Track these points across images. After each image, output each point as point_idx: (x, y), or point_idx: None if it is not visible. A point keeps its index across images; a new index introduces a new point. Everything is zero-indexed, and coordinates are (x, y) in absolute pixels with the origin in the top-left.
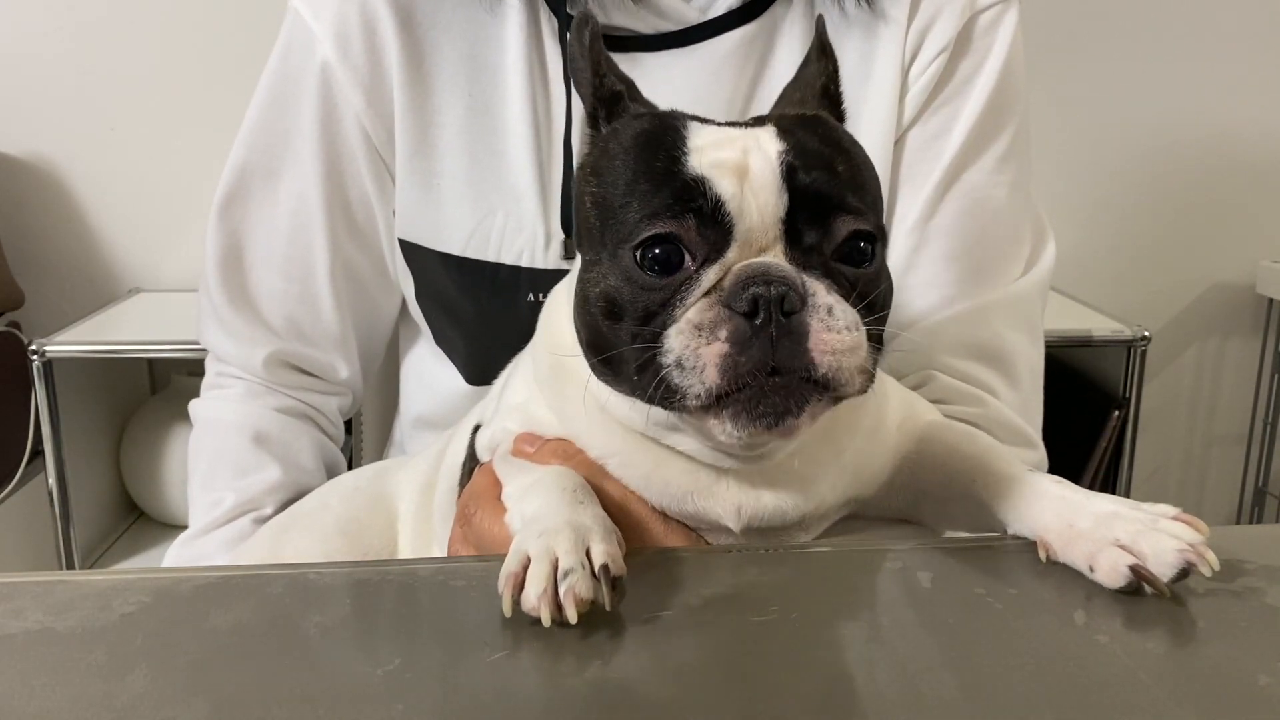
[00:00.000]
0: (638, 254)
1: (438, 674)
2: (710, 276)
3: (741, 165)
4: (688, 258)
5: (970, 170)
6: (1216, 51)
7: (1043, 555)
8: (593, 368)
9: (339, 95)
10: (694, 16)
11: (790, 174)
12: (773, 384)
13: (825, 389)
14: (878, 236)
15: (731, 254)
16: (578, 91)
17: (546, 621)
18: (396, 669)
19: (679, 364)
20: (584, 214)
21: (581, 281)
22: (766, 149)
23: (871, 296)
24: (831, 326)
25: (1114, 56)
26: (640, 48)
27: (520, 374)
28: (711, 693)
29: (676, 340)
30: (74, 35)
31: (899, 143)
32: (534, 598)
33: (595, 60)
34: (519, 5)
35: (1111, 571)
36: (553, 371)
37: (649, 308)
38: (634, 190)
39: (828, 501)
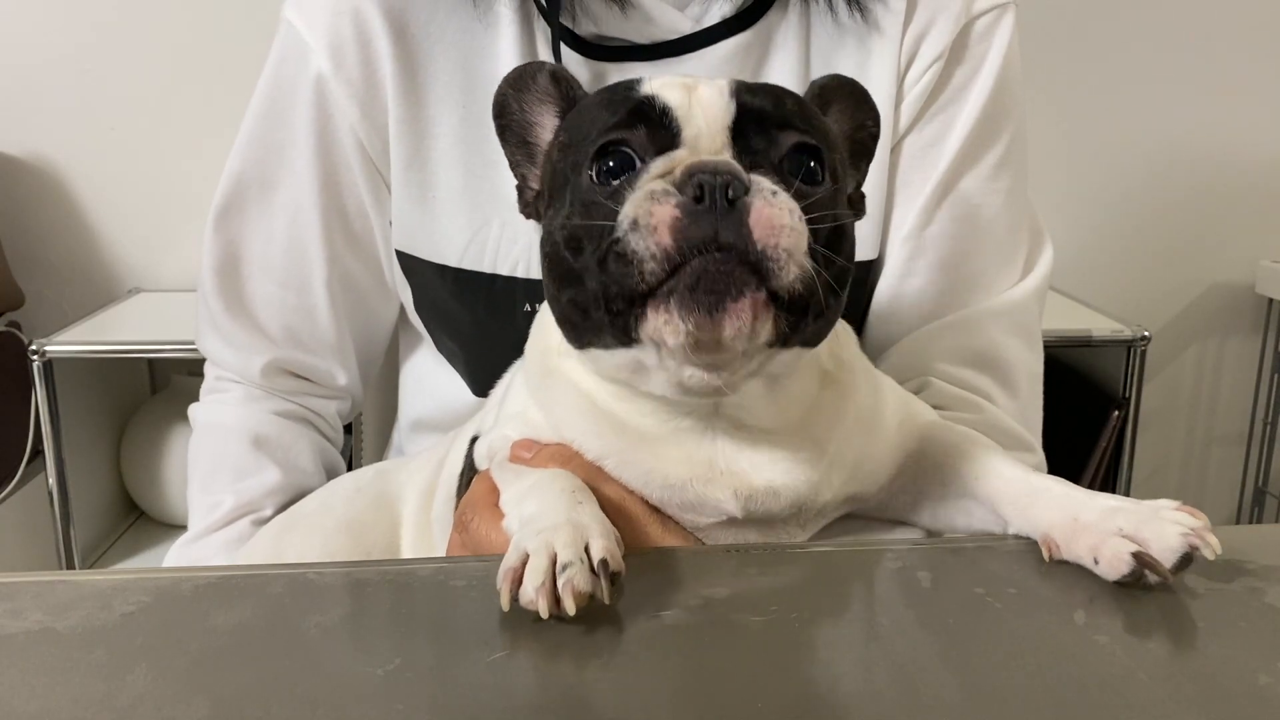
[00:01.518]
0: (593, 169)
1: (437, 674)
2: (659, 166)
3: (691, 86)
4: (638, 163)
5: (966, 177)
6: (1216, 52)
7: (1046, 554)
8: (562, 318)
9: (334, 107)
10: (687, 26)
11: (737, 93)
12: (714, 261)
13: (762, 275)
14: (826, 163)
15: (680, 154)
16: (507, 143)
17: (545, 613)
18: (396, 669)
19: (634, 224)
20: (552, 168)
21: (546, 232)
22: (718, 82)
23: (822, 218)
24: (773, 204)
25: (1114, 57)
26: (634, 57)
27: (518, 382)
28: (711, 693)
29: (631, 207)
30: (74, 36)
31: (895, 150)
32: (532, 590)
33: (573, 89)
34: (512, 16)
35: (1115, 560)
36: (543, 375)
37: (606, 215)
38: (594, 122)
39: (823, 495)
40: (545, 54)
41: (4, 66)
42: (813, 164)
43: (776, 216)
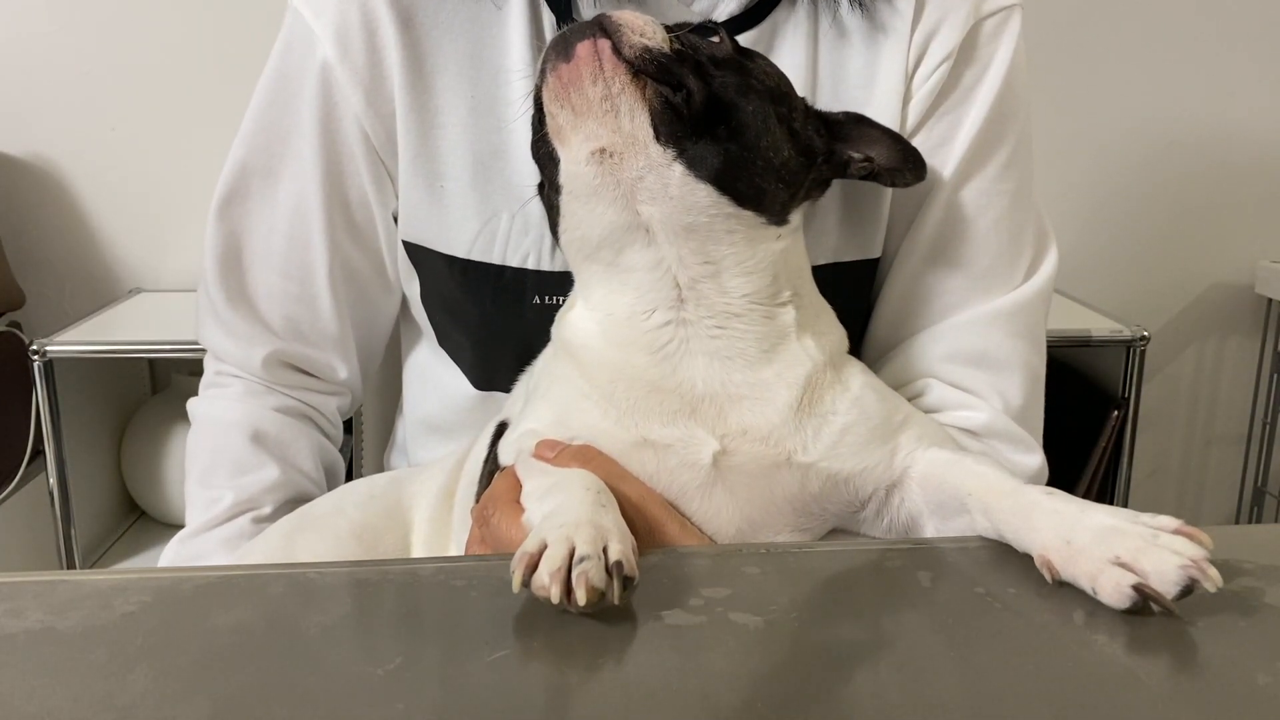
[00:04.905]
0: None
1: (438, 673)
2: None
3: None
4: None
5: (973, 178)
6: (1215, 51)
7: (1048, 577)
8: (552, 227)
9: (339, 95)
10: (694, 21)
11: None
12: (568, 29)
13: (612, 39)
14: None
15: None
16: None
17: (555, 599)
18: (397, 668)
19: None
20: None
21: (549, 209)
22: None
23: (722, 70)
24: (626, 12)
25: (1112, 56)
26: None
27: (543, 376)
28: (711, 692)
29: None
30: (74, 35)
31: None
32: (546, 576)
33: None
34: (521, 6)
35: (1115, 592)
36: (551, 355)
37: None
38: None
39: (800, 455)
40: None
41: (4, 66)
42: (715, 37)
43: (629, 17)
